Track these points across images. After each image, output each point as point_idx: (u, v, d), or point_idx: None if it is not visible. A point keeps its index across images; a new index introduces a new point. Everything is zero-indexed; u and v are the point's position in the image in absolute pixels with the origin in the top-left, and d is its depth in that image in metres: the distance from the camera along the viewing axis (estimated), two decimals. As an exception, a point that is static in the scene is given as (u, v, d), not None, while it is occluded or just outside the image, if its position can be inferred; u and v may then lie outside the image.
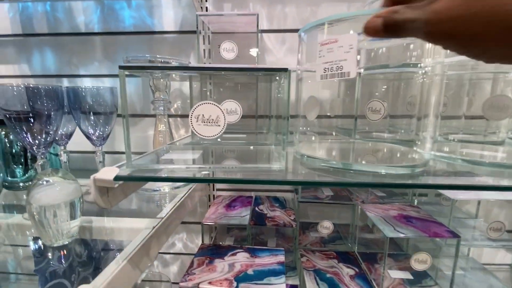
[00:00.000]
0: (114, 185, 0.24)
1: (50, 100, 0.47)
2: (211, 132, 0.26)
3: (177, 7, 0.67)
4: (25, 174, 0.62)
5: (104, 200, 0.25)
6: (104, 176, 0.24)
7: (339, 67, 0.25)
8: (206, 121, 0.25)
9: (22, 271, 0.41)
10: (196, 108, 0.25)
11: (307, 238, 0.67)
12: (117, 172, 0.24)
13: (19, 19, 0.70)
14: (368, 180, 0.28)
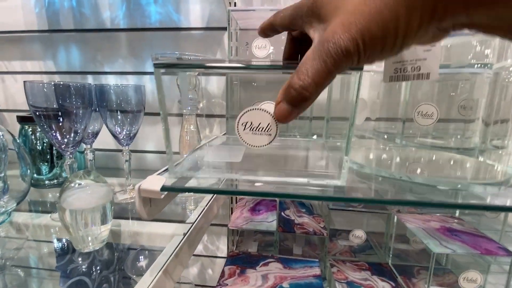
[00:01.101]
0: (160, 196, 0.22)
1: (79, 98, 0.46)
2: (260, 141, 0.23)
3: (204, 2, 0.64)
4: (51, 171, 0.62)
5: (147, 211, 0.23)
6: (150, 187, 0.22)
7: (415, 67, 0.21)
8: (254, 129, 0.22)
9: (48, 278, 0.40)
10: (244, 114, 0.22)
11: (335, 246, 0.64)
12: (164, 182, 0.22)
13: (45, 14, 0.70)
14: (448, 199, 0.24)
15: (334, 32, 0.16)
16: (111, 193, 0.37)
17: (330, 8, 0.17)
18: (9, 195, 0.45)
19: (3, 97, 0.75)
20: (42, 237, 0.46)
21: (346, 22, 0.16)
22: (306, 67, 0.17)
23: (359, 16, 0.15)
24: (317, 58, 0.17)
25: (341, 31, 0.16)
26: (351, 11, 0.16)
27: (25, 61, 0.73)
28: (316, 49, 0.17)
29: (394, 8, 0.15)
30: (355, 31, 0.15)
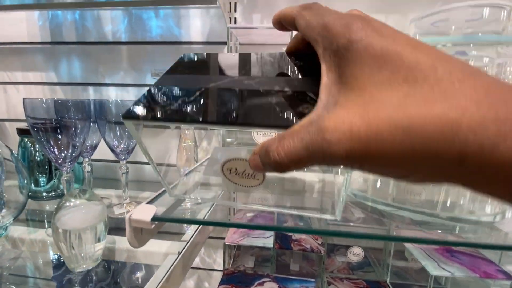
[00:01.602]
0: (151, 226, 0.22)
1: (78, 113, 0.46)
2: (248, 183, 0.23)
3: (205, 17, 0.65)
4: (49, 183, 0.62)
5: (138, 240, 0.23)
6: (141, 217, 0.22)
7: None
8: (240, 174, 0.22)
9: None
10: (227, 162, 0.22)
11: (333, 262, 0.63)
12: (155, 212, 0.22)
13: (48, 27, 0.71)
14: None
15: (337, 130, 0.13)
16: (106, 212, 0.37)
17: (357, 79, 0.13)
18: (7, 208, 0.45)
19: (5, 107, 0.76)
20: (37, 253, 0.45)
21: (355, 130, 0.12)
22: (291, 144, 0.14)
23: (374, 137, 0.12)
24: (305, 145, 0.14)
25: (344, 141, 0.12)
26: (372, 120, 0.12)
27: (27, 72, 0.74)
28: (311, 134, 0.13)
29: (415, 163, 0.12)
30: (359, 153, 0.12)
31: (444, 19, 0.42)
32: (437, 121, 0.11)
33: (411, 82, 0.12)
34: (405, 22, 0.60)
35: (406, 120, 0.11)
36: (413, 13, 0.60)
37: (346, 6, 0.19)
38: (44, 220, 0.57)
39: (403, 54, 0.12)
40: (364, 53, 0.13)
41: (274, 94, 0.18)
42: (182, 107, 0.19)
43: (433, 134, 0.11)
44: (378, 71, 0.13)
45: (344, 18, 0.14)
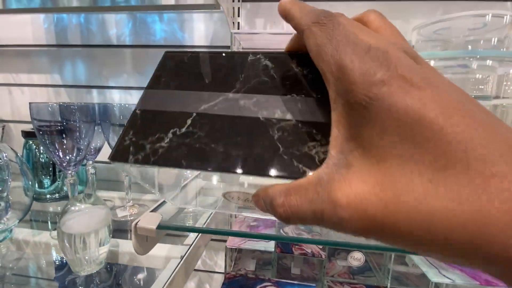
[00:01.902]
0: (155, 235, 0.22)
1: (83, 116, 0.47)
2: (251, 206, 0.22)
3: (208, 21, 0.65)
4: (52, 184, 0.62)
5: (143, 247, 0.23)
6: (146, 225, 0.22)
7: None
8: (244, 201, 0.21)
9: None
10: (228, 192, 0.22)
11: (333, 266, 0.63)
12: (160, 220, 0.22)
13: (53, 30, 0.71)
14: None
15: (347, 196, 0.11)
16: (110, 216, 0.38)
17: (378, 145, 0.11)
18: (12, 210, 0.46)
19: (10, 108, 0.77)
20: (42, 255, 0.46)
21: (365, 199, 0.11)
22: (296, 202, 0.13)
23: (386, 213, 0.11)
24: (313, 206, 0.12)
25: (354, 212, 0.11)
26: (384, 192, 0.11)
27: (32, 74, 0.74)
28: (321, 195, 0.12)
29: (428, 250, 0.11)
30: (369, 225, 0.11)
31: (446, 27, 0.42)
32: (465, 222, 0.09)
33: (440, 167, 0.10)
34: (407, 28, 0.60)
35: (428, 213, 0.10)
36: (415, 19, 0.60)
37: (348, 11, 0.17)
38: (47, 221, 0.58)
39: (433, 123, 0.10)
40: (385, 115, 0.11)
41: (275, 125, 0.16)
42: (173, 143, 0.16)
43: (460, 235, 0.10)
44: (400, 142, 0.11)
45: (365, 59, 0.12)
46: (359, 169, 0.12)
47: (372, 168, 0.11)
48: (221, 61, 0.20)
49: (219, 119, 0.17)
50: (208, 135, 0.16)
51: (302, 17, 0.15)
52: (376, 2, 0.59)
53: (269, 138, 0.15)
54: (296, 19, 0.15)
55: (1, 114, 0.77)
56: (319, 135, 0.15)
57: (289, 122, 0.16)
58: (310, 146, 0.15)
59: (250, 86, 0.18)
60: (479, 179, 0.09)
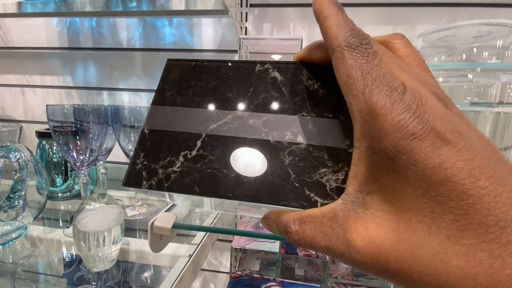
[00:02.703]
0: (171, 233, 0.23)
1: (95, 118, 0.48)
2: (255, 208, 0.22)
3: (217, 26, 0.67)
4: (64, 183, 0.64)
5: (158, 246, 0.24)
6: (162, 224, 0.23)
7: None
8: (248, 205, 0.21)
9: None
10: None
11: (337, 268, 0.64)
12: (175, 219, 0.24)
13: (66, 33, 0.74)
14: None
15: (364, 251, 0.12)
16: (122, 215, 0.39)
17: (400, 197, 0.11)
18: (27, 207, 0.48)
19: (23, 109, 0.79)
20: (55, 251, 0.48)
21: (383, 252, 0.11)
22: (311, 233, 0.13)
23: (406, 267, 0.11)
24: (328, 241, 0.13)
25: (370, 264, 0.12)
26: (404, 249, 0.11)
27: (45, 76, 0.77)
28: (336, 231, 0.12)
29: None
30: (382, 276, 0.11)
31: (451, 34, 0.43)
32: (476, 285, 0.09)
33: (460, 226, 0.10)
34: (413, 34, 0.61)
35: (442, 269, 0.10)
36: (421, 26, 0.61)
37: (353, 16, 0.15)
38: (59, 219, 0.60)
39: (460, 184, 0.10)
40: (412, 170, 0.11)
41: (286, 149, 0.16)
42: (185, 168, 0.16)
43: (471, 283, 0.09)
44: (423, 196, 0.10)
45: (399, 106, 0.11)
46: (376, 212, 0.12)
47: (389, 215, 0.11)
48: (227, 72, 0.19)
49: (229, 141, 0.16)
50: (219, 159, 0.16)
51: (336, 33, 0.13)
52: (382, 7, 0.60)
53: (280, 163, 0.15)
54: (330, 32, 0.14)
55: (15, 115, 0.79)
56: (330, 161, 0.15)
57: (300, 146, 0.16)
58: (322, 173, 0.15)
59: (258, 102, 0.18)
60: (495, 245, 0.09)
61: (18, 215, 0.43)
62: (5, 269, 0.45)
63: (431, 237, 0.10)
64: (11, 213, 0.41)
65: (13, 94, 0.79)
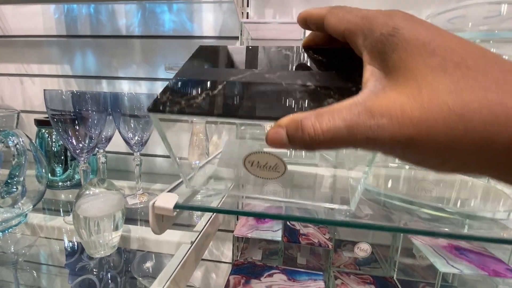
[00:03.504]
0: (173, 214, 0.23)
1: (94, 105, 0.47)
2: (269, 175, 0.23)
3: (218, 12, 0.65)
4: (64, 173, 0.64)
5: (159, 227, 0.24)
6: (163, 204, 0.23)
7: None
8: (262, 167, 0.22)
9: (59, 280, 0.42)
10: (249, 155, 0.22)
11: (339, 257, 0.64)
12: (177, 200, 0.23)
13: (64, 20, 0.72)
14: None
15: (387, 114, 0.12)
16: (123, 201, 0.38)
17: (408, 64, 0.13)
18: (26, 196, 0.47)
19: (21, 99, 0.78)
20: (55, 239, 0.47)
21: (407, 112, 0.12)
22: (331, 121, 0.13)
23: (426, 120, 0.11)
24: (348, 124, 0.13)
25: (395, 123, 0.12)
26: (426, 103, 0.12)
27: (43, 65, 0.75)
28: (356, 113, 0.13)
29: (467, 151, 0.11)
30: (408, 136, 0.12)
31: (461, 15, 0.41)
32: (493, 107, 0.11)
33: (464, 69, 0.12)
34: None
35: (460, 104, 0.11)
36: (428, 10, 0.59)
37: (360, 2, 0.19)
38: (59, 208, 0.59)
39: (450, 45, 0.12)
40: (411, 39, 0.13)
41: (297, 89, 0.18)
42: (206, 100, 0.18)
43: (488, 119, 0.11)
44: (429, 56, 0.12)
45: (384, 11, 0.15)
46: (394, 86, 0.13)
47: (406, 82, 0.13)
48: (247, 51, 0.24)
49: (246, 84, 0.20)
50: (237, 95, 0.19)
51: (321, 10, 0.18)
52: (388, -8, 0.58)
53: (292, 96, 0.18)
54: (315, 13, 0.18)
55: (14, 105, 0.78)
56: (337, 94, 0.17)
57: (310, 87, 0.18)
58: (329, 101, 0.17)
59: (273, 65, 0.21)
60: (497, 74, 0.11)
61: (16, 202, 0.42)
62: (6, 258, 0.45)
63: (446, 84, 0.12)
64: (8, 200, 0.41)
65: (12, 83, 0.78)
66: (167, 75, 0.69)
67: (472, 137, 0.11)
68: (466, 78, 0.12)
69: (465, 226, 0.59)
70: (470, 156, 0.12)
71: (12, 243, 0.47)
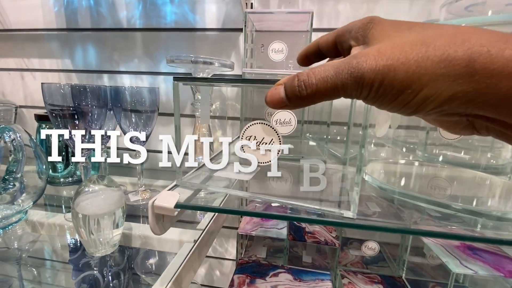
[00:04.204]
0: (173, 214, 0.21)
1: (95, 99, 0.46)
2: (262, 158, 0.22)
3: (220, 3, 0.63)
4: (66, 169, 0.63)
5: (159, 227, 0.22)
6: (164, 204, 0.21)
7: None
8: (257, 145, 0.22)
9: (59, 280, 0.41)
10: (248, 128, 0.21)
11: (346, 256, 0.62)
12: (178, 199, 0.21)
13: (64, 13, 0.70)
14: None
15: (366, 54, 0.15)
16: (124, 198, 0.37)
17: (381, 33, 0.16)
18: (26, 192, 0.46)
19: (22, 94, 0.77)
20: (56, 236, 0.46)
21: (381, 51, 0.15)
22: (322, 69, 0.16)
23: (397, 53, 0.14)
24: (336, 68, 0.15)
25: (371, 58, 0.15)
26: (396, 44, 0.15)
27: (44, 59, 0.74)
28: (342, 61, 0.16)
29: (432, 67, 0.13)
30: (383, 65, 0.14)
31: (480, 2, 0.39)
32: (450, 34, 0.14)
33: (427, 28, 0.15)
34: (431, 9, 0.57)
35: (423, 38, 0.14)
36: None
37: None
38: (61, 205, 0.58)
39: (414, 23, 0.16)
40: (383, 21, 0.17)
41: None
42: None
43: (446, 42, 0.13)
44: (398, 27, 0.16)
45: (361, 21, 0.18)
46: (373, 45, 0.16)
47: (383, 40, 0.16)
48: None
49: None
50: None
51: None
52: (399, -20, 0.56)
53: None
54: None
55: (15, 99, 0.77)
56: None
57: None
58: None
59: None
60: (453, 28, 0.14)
61: (15, 199, 0.41)
62: (8, 255, 0.44)
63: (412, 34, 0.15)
64: (5, 196, 0.40)
65: (13, 78, 0.77)
66: (169, 69, 0.67)
67: (434, 57, 0.13)
68: (430, 31, 0.15)
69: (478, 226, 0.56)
70: (438, 78, 0.13)
71: (13, 240, 0.47)
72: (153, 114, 0.53)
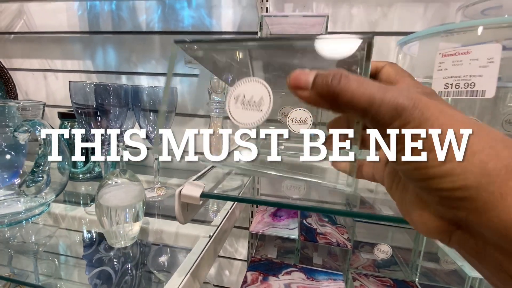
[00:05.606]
0: (199, 202, 0.22)
1: (116, 98, 0.48)
2: (250, 118, 0.21)
3: (237, 7, 0.65)
4: (85, 165, 0.65)
5: (184, 216, 0.23)
6: (190, 193, 0.22)
7: (469, 84, 0.20)
8: (246, 104, 0.20)
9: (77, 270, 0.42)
10: (239, 86, 0.20)
11: (357, 258, 0.62)
12: (203, 188, 0.22)
13: (86, 17, 0.74)
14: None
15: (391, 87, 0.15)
16: (144, 193, 0.38)
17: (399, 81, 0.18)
18: (49, 186, 0.48)
19: (45, 93, 0.80)
20: (77, 228, 0.48)
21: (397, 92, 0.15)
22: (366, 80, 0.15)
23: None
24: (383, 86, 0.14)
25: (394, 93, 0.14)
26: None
27: (66, 60, 0.78)
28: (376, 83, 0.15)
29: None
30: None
31: (497, 6, 0.39)
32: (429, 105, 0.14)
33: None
34: (447, 12, 0.57)
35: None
36: (456, 2, 0.56)
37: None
38: (80, 200, 0.60)
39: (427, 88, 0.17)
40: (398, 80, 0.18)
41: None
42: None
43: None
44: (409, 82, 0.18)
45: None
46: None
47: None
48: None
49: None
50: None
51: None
52: (414, -16, 0.56)
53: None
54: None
55: (38, 98, 0.81)
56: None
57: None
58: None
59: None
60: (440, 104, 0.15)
61: (40, 191, 0.43)
62: (28, 248, 0.46)
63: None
64: (32, 189, 0.42)
65: (36, 78, 0.80)
66: (186, 70, 0.69)
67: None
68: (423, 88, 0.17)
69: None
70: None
71: (33, 233, 0.49)
72: (171, 114, 0.55)
